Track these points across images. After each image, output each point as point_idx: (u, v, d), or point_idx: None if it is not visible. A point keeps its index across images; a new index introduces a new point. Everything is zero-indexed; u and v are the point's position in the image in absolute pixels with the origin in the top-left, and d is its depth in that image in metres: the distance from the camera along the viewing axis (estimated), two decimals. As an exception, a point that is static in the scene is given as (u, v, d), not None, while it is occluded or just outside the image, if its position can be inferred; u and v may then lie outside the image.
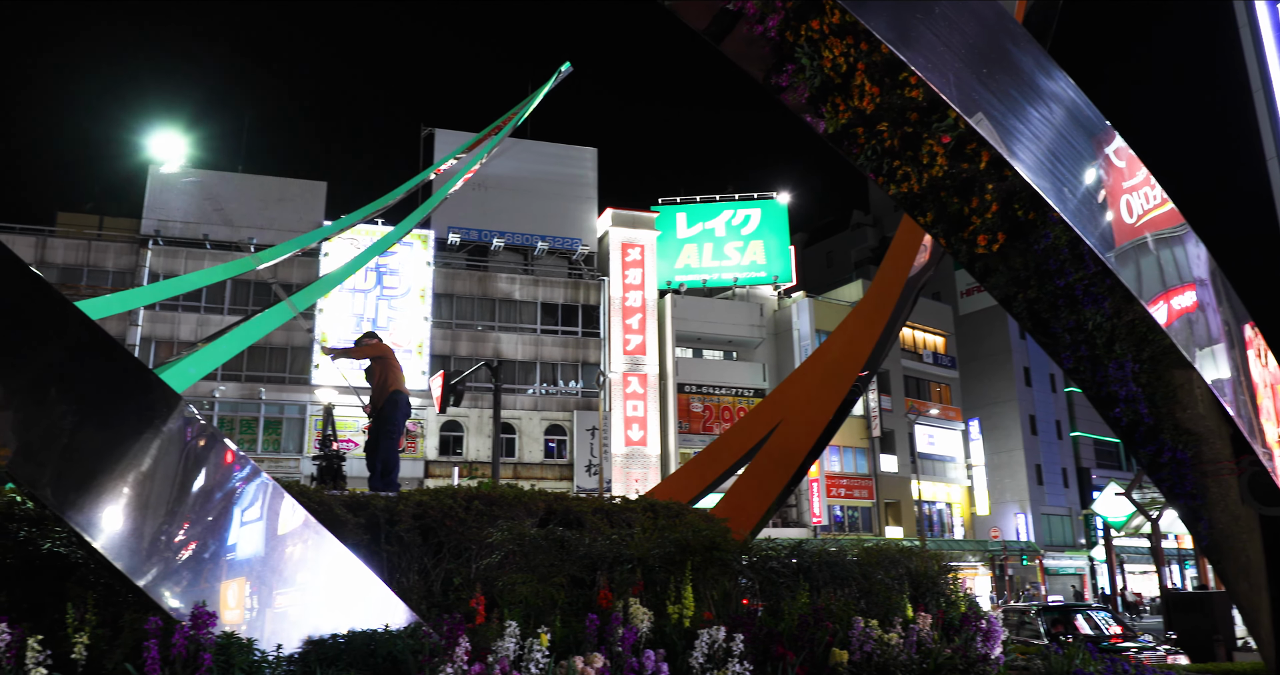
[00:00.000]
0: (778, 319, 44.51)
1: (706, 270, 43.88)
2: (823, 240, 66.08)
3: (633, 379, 40.36)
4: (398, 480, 9.65)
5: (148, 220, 37.11)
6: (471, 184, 34.29)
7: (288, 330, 34.88)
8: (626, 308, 41.27)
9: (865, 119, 5.37)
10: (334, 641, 4.80)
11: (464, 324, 40.06)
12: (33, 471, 4.41)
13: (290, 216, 38.10)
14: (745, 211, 44.60)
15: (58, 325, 4.73)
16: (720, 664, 5.46)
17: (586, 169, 43.58)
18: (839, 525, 41.61)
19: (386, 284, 38.46)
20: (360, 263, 15.43)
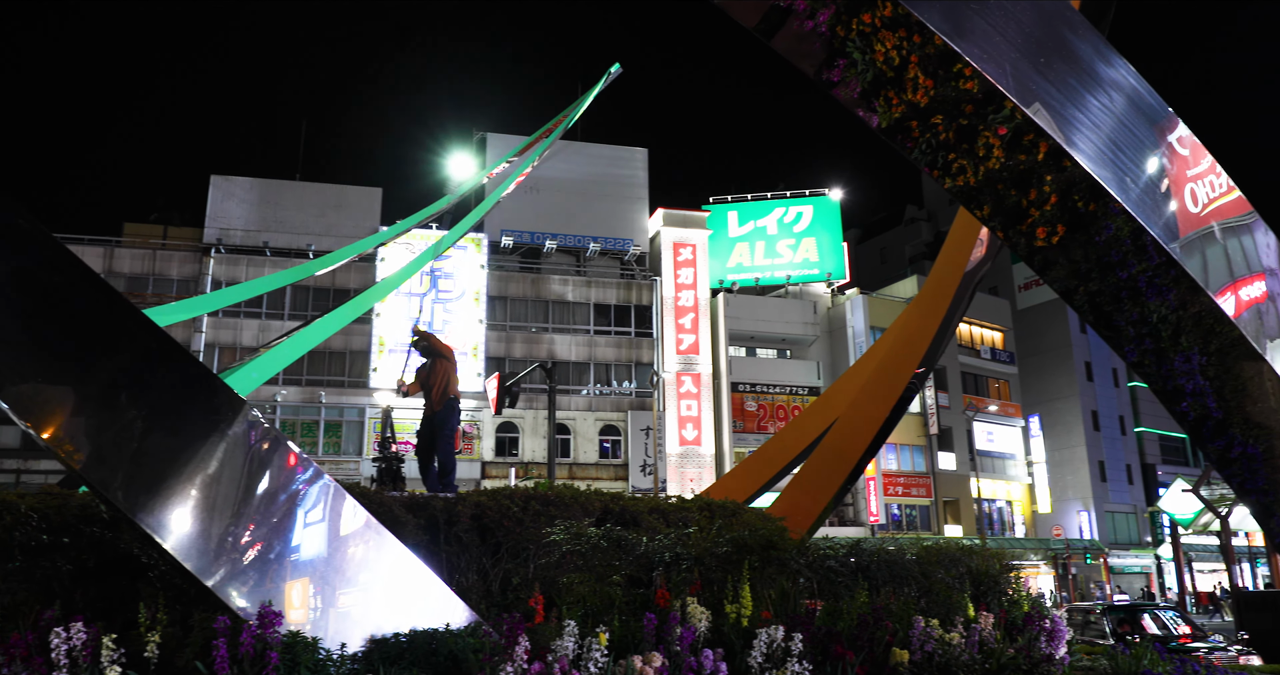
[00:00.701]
0: (831, 316, 44.12)
1: (759, 268, 43.65)
2: (876, 236, 65.33)
3: (686, 378, 40.30)
4: (455, 481, 9.75)
5: (210, 229, 38.01)
6: (524, 187, 34.54)
7: (346, 335, 35.46)
8: (679, 307, 41.22)
9: (919, 112, 5.30)
10: (396, 640, 4.87)
11: (518, 326, 40.36)
12: (105, 475, 4.54)
13: (347, 223, 38.73)
14: (797, 209, 44.27)
15: (128, 333, 4.87)
16: (779, 663, 5.43)
17: (637, 169, 43.62)
18: (896, 524, 41.11)
19: (442, 287, 38.89)
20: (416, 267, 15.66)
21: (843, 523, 38.96)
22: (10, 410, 4.44)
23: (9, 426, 35.12)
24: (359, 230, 37.80)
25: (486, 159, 40.33)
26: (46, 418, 4.54)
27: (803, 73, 5.69)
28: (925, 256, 57.22)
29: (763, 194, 44.76)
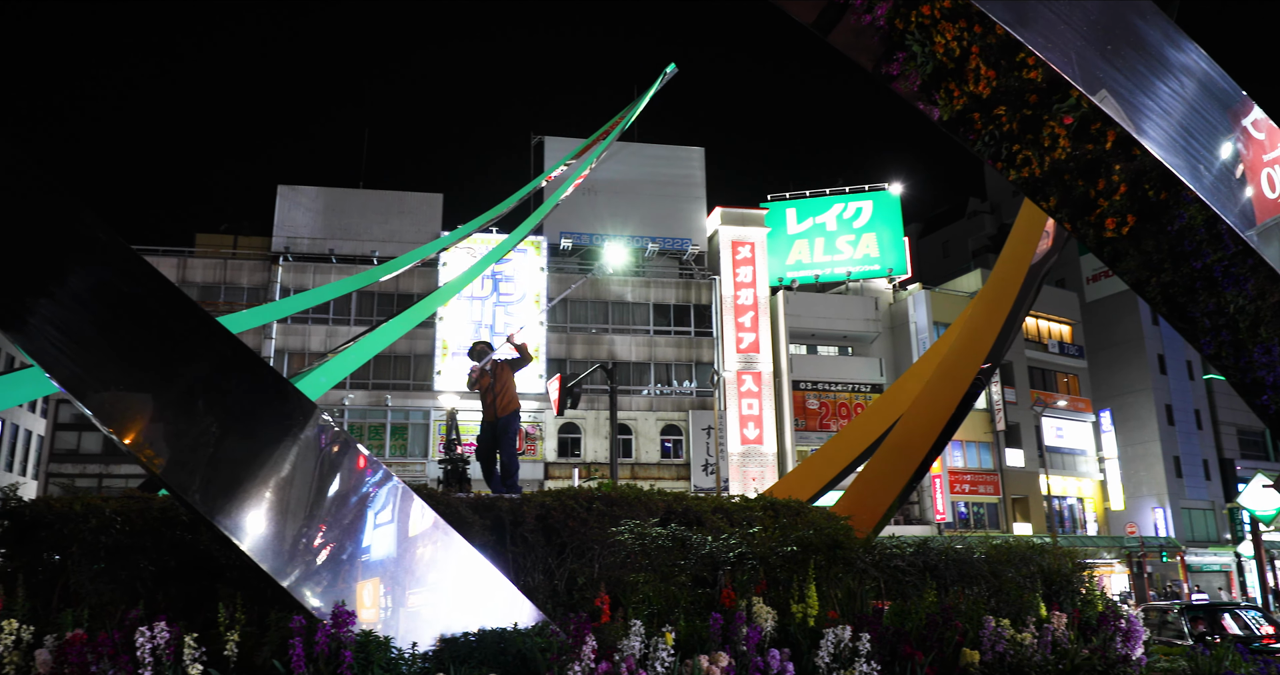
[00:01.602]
0: (893, 312, 43.54)
1: (818, 265, 43.25)
2: (938, 230, 64.26)
3: (747, 377, 40.12)
4: (519, 482, 9.85)
5: (277, 238, 38.93)
6: (581, 189, 34.71)
7: (410, 339, 36.01)
8: (738, 306, 41.04)
9: (981, 104, 5.21)
10: (465, 639, 4.94)
11: (578, 327, 40.58)
12: (184, 479, 4.68)
13: (410, 229, 39.37)
14: (856, 204, 43.78)
15: (204, 341, 5.02)
16: (846, 664, 5.38)
17: (694, 169, 43.56)
18: (964, 522, 40.39)
19: (502, 290, 39.28)
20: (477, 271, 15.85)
21: (908, 521, 38.43)
22: (94, 417, 4.60)
23: (91, 433, 36.40)
24: (421, 236, 38.39)
25: (545, 162, 40.63)
26: (128, 424, 4.70)
27: (861, 67, 5.63)
28: (989, 250, 56.12)
29: (821, 190, 44.36)
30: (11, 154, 4.80)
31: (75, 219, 4.81)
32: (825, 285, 44.01)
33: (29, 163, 4.79)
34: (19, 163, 4.81)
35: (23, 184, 4.88)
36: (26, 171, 4.83)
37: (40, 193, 4.88)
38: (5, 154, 4.79)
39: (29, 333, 4.60)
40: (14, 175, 4.86)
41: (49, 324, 4.61)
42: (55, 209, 4.86)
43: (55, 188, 4.81)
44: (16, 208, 4.90)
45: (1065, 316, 46.74)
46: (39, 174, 4.82)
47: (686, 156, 43.80)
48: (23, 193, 4.89)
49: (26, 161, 4.80)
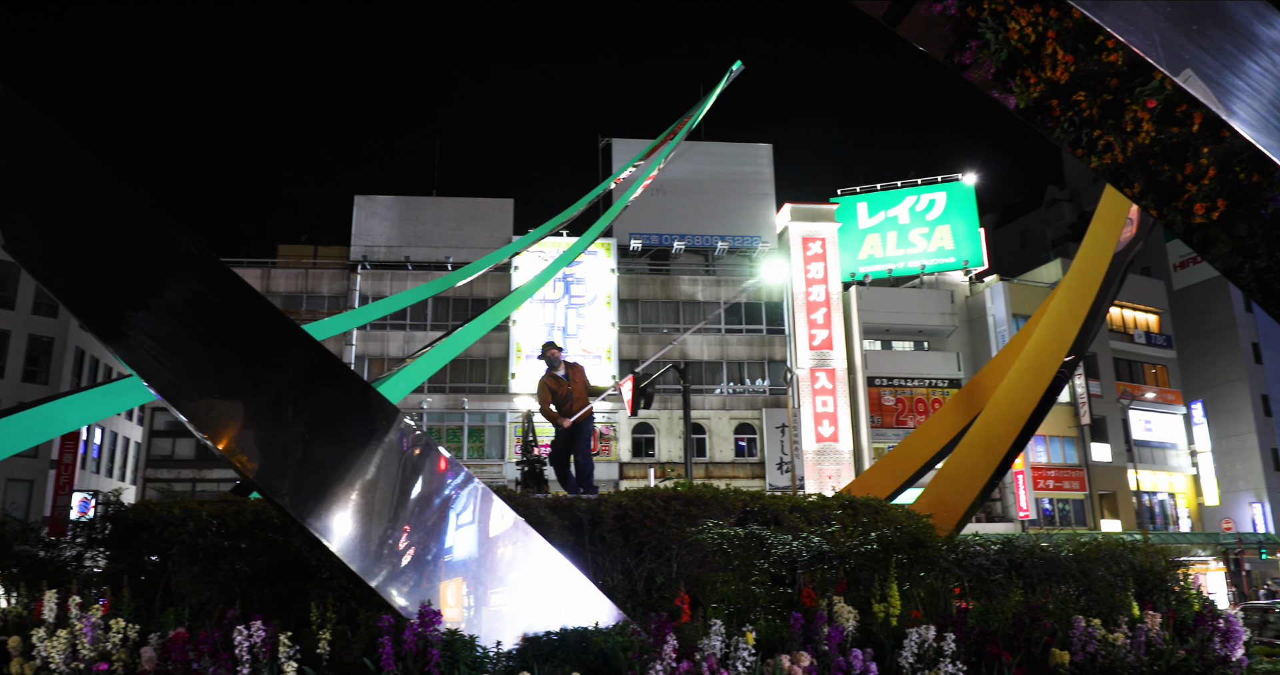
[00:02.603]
0: (970, 305, 42.65)
1: (891, 259, 42.61)
2: (1015, 220, 62.75)
3: (820, 374, 39.72)
4: (594, 483, 9.93)
5: (355, 246, 39.88)
6: (650, 190, 34.80)
7: (485, 342, 36.51)
8: (810, 302, 40.66)
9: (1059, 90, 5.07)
10: (548, 639, 4.99)
11: (649, 327, 40.67)
12: (275, 482, 4.84)
13: (482, 234, 39.95)
14: (929, 196, 43.01)
15: (291, 349, 5.18)
16: (931, 664, 5.30)
17: (762, 166, 43.31)
18: (1048, 519, 39.36)
19: (574, 293, 39.59)
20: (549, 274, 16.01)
21: (990, 519, 37.61)
22: (190, 423, 4.79)
23: (185, 439, 37.72)
24: (493, 241, 38.93)
25: (613, 165, 40.83)
26: (221, 430, 4.87)
27: (932, 57, 5.54)
28: (1069, 239, 54.62)
29: (893, 183, 43.69)
30: (111, 177, 5.03)
31: (168, 235, 5.01)
32: (899, 279, 43.34)
33: (126, 184, 5.01)
34: (117, 184, 5.03)
35: (121, 204, 5.10)
36: (124, 192, 5.05)
37: (137, 211, 5.09)
38: (106, 178, 5.02)
39: (129, 344, 4.81)
40: (113, 196, 5.09)
41: (147, 335, 4.81)
42: (151, 226, 5.07)
43: (150, 206, 5.01)
44: (116, 227, 5.13)
45: (1152, 305, 45.22)
46: (135, 194, 5.03)
47: (754, 154, 43.57)
48: (121, 212, 5.11)
49: (123, 183, 5.02)
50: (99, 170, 5.03)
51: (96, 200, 5.14)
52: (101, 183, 5.10)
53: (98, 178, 5.08)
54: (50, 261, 5.11)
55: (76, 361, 41.54)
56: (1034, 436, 19.19)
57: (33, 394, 36.93)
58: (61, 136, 4.99)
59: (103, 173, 5.03)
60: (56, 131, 4.98)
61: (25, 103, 4.93)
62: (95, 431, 42.09)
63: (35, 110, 4.96)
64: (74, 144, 5.00)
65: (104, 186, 5.11)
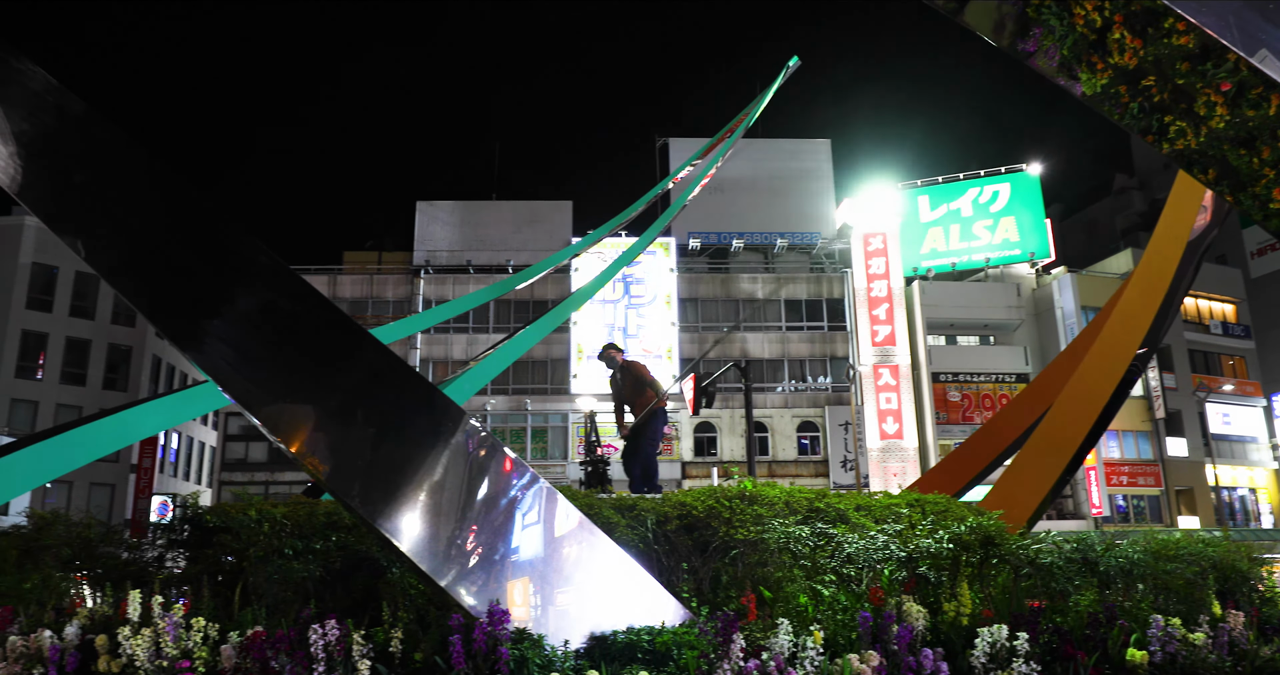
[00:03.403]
0: (1037, 298, 41.74)
1: (955, 253, 41.93)
2: (1083, 210, 61.22)
3: (884, 371, 39.25)
4: (659, 482, 9.94)
5: (418, 252, 40.56)
6: (708, 188, 34.74)
7: (547, 344, 36.85)
8: (872, 298, 40.20)
9: (1128, 75, 4.95)
10: (615, 637, 5.02)
11: (710, 326, 40.61)
12: (345, 484, 4.95)
13: (542, 236, 40.32)
14: (993, 187, 42.23)
15: (359, 354, 5.29)
16: (1004, 664, 5.21)
17: (821, 161, 42.97)
18: (1122, 515, 38.36)
19: (634, 293, 39.71)
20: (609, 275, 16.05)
21: (1061, 516, 36.80)
22: (263, 427, 4.91)
23: (257, 443, 38.72)
24: (553, 243, 39.26)
25: (670, 164, 40.88)
26: (294, 434, 4.99)
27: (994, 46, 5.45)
28: (1140, 228, 53.11)
29: (954, 175, 43.00)
30: (184, 189, 5.19)
31: (240, 245, 5.16)
32: (963, 273, 42.64)
33: (198, 196, 5.17)
34: (190, 196, 5.20)
35: (194, 216, 5.27)
36: (197, 204, 5.21)
37: (209, 223, 5.25)
38: (180, 190, 5.19)
39: (205, 351, 4.96)
40: (186, 208, 5.25)
41: (222, 342, 4.96)
42: (223, 237, 5.22)
43: (221, 217, 5.17)
44: (190, 238, 5.30)
45: (1228, 295, 43.77)
46: (207, 205, 5.19)
47: (812, 149, 43.25)
48: (194, 224, 5.28)
49: (196, 195, 5.18)
50: (172, 183, 5.20)
51: (171, 212, 5.31)
52: (175, 195, 5.26)
53: (171, 190, 5.25)
54: (128, 273, 5.29)
55: (153, 369, 42.90)
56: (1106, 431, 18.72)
57: (113, 400, 38.25)
58: (136, 151, 5.16)
59: (176, 185, 5.19)
60: (131, 147, 5.15)
61: (101, 120, 5.11)
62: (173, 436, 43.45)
63: (111, 127, 5.14)
64: (148, 158, 5.16)
65: (177, 199, 5.27)
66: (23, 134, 5.12)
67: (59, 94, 5.04)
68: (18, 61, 5.04)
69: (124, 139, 5.15)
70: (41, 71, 5.03)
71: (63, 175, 5.26)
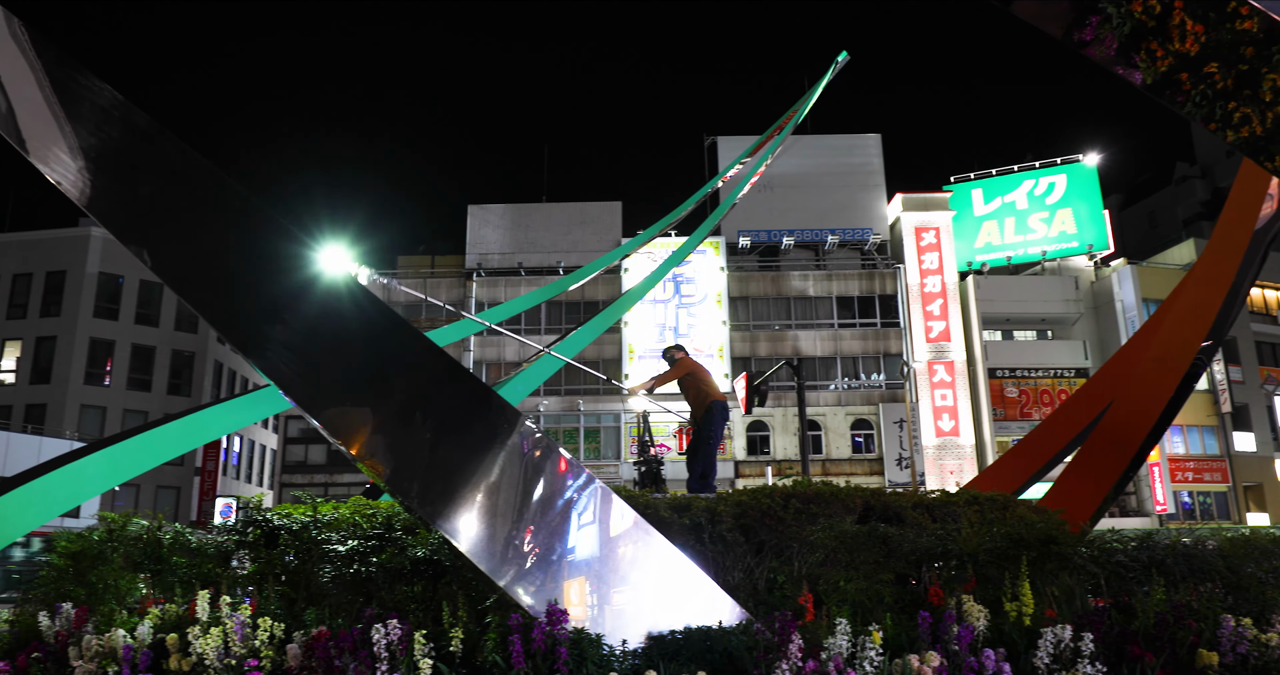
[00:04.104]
0: (1096, 291, 40.88)
1: (1010, 246, 41.23)
2: (1142, 200, 59.82)
3: (938, 367, 38.74)
4: (714, 483, 9.89)
5: (470, 255, 40.98)
6: (758, 186, 34.60)
7: (598, 345, 36.99)
8: (925, 294, 39.70)
9: (1190, 62, 4.83)
10: (673, 637, 5.03)
11: (761, 325, 40.42)
12: (404, 485, 5.03)
13: (592, 238, 40.48)
14: (1048, 179, 41.44)
15: (417, 357, 5.37)
16: (1068, 665, 5.12)
17: (871, 156, 42.52)
18: (1187, 512, 37.39)
19: (684, 292, 39.68)
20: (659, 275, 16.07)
21: (1124, 513, 36.00)
22: (324, 430, 5.02)
23: (316, 445, 39.41)
24: (603, 244, 39.40)
25: (719, 163, 40.78)
26: (353, 436, 5.09)
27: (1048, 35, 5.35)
28: (1202, 217, 51.78)
29: (1009, 168, 42.27)
30: (245, 198, 5.32)
31: (300, 251, 5.27)
32: (1018, 267, 41.93)
33: (259, 204, 5.29)
34: (251, 205, 5.32)
35: (256, 223, 5.39)
36: (258, 212, 5.34)
37: (270, 230, 5.37)
38: (241, 199, 5.32)
39: (267, 356, 5.07)
40: (248, 216, 5.38)
41: (284, 348, 5.07)
42: (283, 243, 5.34)
43: (282, 224, 5.28)
44: (252, 245, 5.42)
45: (1297, 285, 42.45)
46: (268, 213, 5.31)
47: (862, 144, 42.82)
48: (256, 231, 5.40)
49: (257, 203, 5.30)
50: (234, 192, 5.32)
51: (232, 221, 5.44)
52: (236, 204, 5.39)
53: (233, 199, 5.37)
54: (193, 281, 5.44)
55: (215, 373, 43.91)
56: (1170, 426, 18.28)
57: (177, 405, 39.23)
58: (198, 162, 5.29)
59: (238, 195, 5.32)
60: (193, 157, 5.29)
61: (165, 132, 5.25)
62: (235, 440, 44.43)
63: (174, 139, 5.28)
64: (210, 168, 5.30)
65: (239, 207, 5.40)
66: (91, 148, 5.28)
67: (125, 109, 5.19)
68: (85, 78, 5.20)
69: (187, 150, 5.28)
70: (108, 87, 5.18)
71: (129, 187, 5.42)
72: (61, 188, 5.12)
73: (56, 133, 5.28)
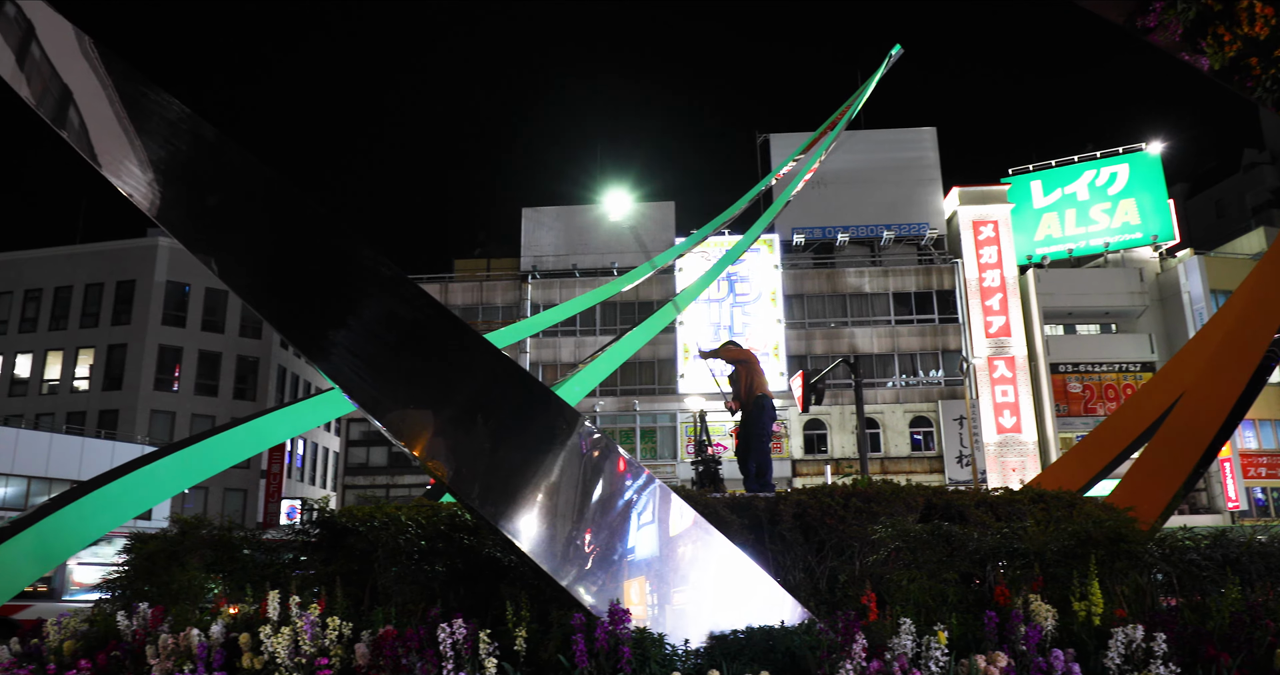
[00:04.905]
0: (1162, 283, 39.85)
1: (1071, 238, 40.38)
2: (1208, 188, 58.13)
3: (999, 363, 38.09)
4: (772, 481, 9.84)
5: (525, 257, 41.33)
6: (811, 183, 34.34)
7: (653, 345, 37.03)
8: (984, 289, 39.06)
9: (1259, 46, 4.70)
10: (735, 637, 5.03)
11: (816, 322, 40.12)
12: (466, 486, 5.09)
13: (645, 238, 40.54)
14: (1110, 169, 40.50)
15: (477, 359, 5.44)
16: (1140, 665, 5.01)
17: (926, 150, 41.95)
18: (1261, 509, 36.27)
19: (738, 291, 39.54)
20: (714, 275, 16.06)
21: (1194, 510, 35.03)
22: (388, 432, 5.10)
23: (378, 448, 40.05)
24: (656, 244, 39.46)
25: (771, 160, 40.58)
26: (416, 438, 5.17)
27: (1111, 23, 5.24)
28: (1272, 205, 50.19)
29: (1069, 158, 41.41)
30: (308, 206, 5.44)
31: (362, 257, 5.37)
32: (1080, 259, 41.06)
33: (322, 211, 5.41)
34: (314, 212, 5.44)
35: (319, 230, 5.52)
36: (321, 219, 5.46)
37: (333, 237, 5.49)
38: (304, 207, 5.44)
39: (331, 360, 5.18)
40: (311, 223, 5.50)
41: (348, 351, 5.18)
42: (346, 250, 5.45)
43: (344, 231, 5.39)
44: (315, 252, 5.55)
45: (1376, 273, 40.92)
46: (331, 220, 5.43)
47: (917, 138, 42.27)
48: (319, 238, 5.52)
49: (320, 210, 5.42)
50: (298, 201, 5.45)
51: (297, 229, 5.58)
52: (301, 212, 5.52)
53: (297, 208, 5.50)
54: (259, 288, 5.58)
55: (279, 378, 44.88)
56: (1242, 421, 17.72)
57: (242, 409, 40.17)
58: (264, 172, 5.43)
59: (302, 203, 5.44)
60: (259, 167, 5.42)
61: (231, 144, 5.40)
62: (299, 443, 45.35)
63: (239, 150, 5.41)
64: (275, 177, 5.43)
65: (303, 216, 5.53)
66: (160, 161, 5.44)
67: (192, 121, 5.34)
68: (154, 93, 5.36)
69: (252, 161, 5.42)
70: (176, 101, 5.34)
71: (198, 198, 5.58)
72: (133, 200, 5.28)
73: (127, 147, 5.44)
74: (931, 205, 41.11)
